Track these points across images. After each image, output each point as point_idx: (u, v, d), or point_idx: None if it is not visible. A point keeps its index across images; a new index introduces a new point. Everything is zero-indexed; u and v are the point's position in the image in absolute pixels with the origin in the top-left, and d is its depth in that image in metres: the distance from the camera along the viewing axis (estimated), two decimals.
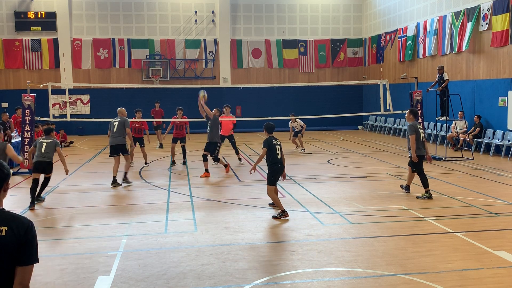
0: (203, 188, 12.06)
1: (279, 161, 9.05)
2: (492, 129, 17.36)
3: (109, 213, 9.74)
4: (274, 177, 9.09)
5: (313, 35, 29.06)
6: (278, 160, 9.03)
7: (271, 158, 9.04)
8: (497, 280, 6.03)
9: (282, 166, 9.13)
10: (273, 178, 9.08)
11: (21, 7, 26.36)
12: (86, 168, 15.46)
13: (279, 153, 9.05)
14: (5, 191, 3.09)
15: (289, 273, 6.34)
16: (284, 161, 9.24)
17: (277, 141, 9.13)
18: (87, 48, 27.12)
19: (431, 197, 10.29)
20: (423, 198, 10.27)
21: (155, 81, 26.96)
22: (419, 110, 16.20)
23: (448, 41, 20.18)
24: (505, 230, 8.08)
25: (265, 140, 9.13)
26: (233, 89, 27.09)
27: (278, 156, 9.03)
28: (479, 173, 13.45)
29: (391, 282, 5.96)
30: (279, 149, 9.07)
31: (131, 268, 6.57)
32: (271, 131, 9.31)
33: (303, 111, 24.79)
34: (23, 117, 14.45)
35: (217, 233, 8.10)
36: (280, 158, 9.06)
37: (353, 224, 8.54)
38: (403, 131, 23.68)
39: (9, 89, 26.32)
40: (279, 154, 9.03)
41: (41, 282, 6.05)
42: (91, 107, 27.07)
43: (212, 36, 28.16)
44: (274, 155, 9.02)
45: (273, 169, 9.07)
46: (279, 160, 9.05)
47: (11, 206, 9.77)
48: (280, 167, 9.08)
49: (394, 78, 24.69)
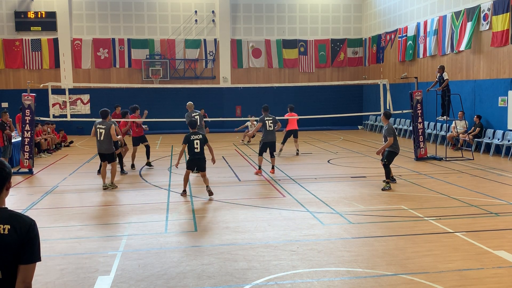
0: (203, 188, 12.04)
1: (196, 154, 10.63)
2: (492, 129, 17.36)
3: (109, 213, 9.74)
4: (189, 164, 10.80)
5: (313, 35, 29.06)
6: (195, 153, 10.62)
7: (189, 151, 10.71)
8: (497, 280, 6.04)
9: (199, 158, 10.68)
10: (188, 164, 10.83)
11: (21, 7, 26.36)
12: (86, 168, 15.46)
13: (197, 146, 10.57)
14: (7, 190, 3.10)
15: (289, 273, 6.34)
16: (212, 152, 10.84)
17: (196, 136, 10.59)
18: (87, 48, 27.12)
19: (389, 187, 11.31)
20: (385, 189, 11.22)
21: (155, 81, 26.96)
22: (419, 110, 16.21)
23: (448, 41, 20.18)
24: (505, 230, 8.08)
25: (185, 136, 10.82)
26: (233, 89, 27.10)
27: (196, 150, 10.59)
28: (479, 173, 13.45)
29: (391, 282, 5.96)
30: (198, 144, 10.55)
31: (131, 268, 6.57)
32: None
33: (303, 111, 24.76)
34: (23, 117, 14.44)
35: (217, 233, 8.10)
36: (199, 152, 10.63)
37: (353, 224, 8.54)
38: (403, 131, 23.69)
39: (9, 89, 26.32)
40: (197, 148, 10.57)
41: (41, 282, 6.05)
42: (91, 107, 27.06)
43: (212, 36, 28.16)
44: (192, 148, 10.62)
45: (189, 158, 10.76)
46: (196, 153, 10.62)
47: (12, 206, 9.74)
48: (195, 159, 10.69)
49: (394, 78, 24.68)
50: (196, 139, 10.60)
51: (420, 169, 14.10)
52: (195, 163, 10.76)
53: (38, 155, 17.65)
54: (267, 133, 13.60)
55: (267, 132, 13.60)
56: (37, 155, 17.46)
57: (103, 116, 11.80)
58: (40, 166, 15.48)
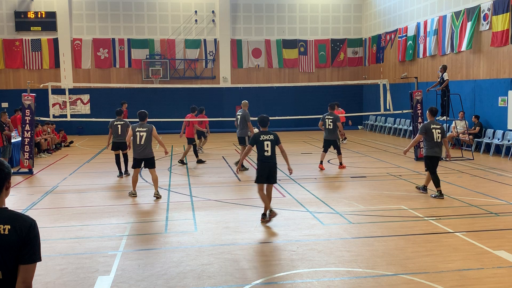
0: (203, 188, 12.05)
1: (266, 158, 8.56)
2: (492, 129, 17.36)
3: (109, 213, 9.73)
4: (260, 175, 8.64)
5: (313, 35, 29.06)
6: (265, 157, 8.56)
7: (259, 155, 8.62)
8: (497, 280, 6.03)
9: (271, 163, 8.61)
10: (258, 175, 8.65)
11: (21, 7, 26.36)
12: (86, 168, 15.46)
13: (268, 149, 8.53)
14: (7, 190, 3.10)
15: (289, 273, 6.34)
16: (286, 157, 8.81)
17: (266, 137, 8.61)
18: (87, 48, 27.11)
19: (442, 196, 10.34)
20: (434, 197, 10.38)
21: (155, 81, 26.96)
22: (419, 110, 16.21)
23: (448, 41, 20.18)
24: (505, 230, 8.08)
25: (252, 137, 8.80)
26: (233, 89, 27.10)
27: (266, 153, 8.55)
28: (479, 173, 13.45)
29: (391, 282, 5.96)
30: (269, 145, 8.54)
31: (131, 268, 6.56)
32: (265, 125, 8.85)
33: (303, 111, 24.79)
34: (23, 117, 14.43)
35: (217, 233, 8.10)
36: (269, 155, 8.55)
37: (353, 224, 8.54)
38: (403, 131, 23.68)
39: (9, 89, 26.31)
40: (268, 151, 8.53)
41: (41, 282, 6.05)
42: (91, 107, 27.06)
43: (212, 36, 28.16)
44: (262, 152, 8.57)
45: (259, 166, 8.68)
46: (266, 157, 8.55)
47: (12, 206, 9.75)
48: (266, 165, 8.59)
49: (394, 78, 24.68)
50: (266, 139, 8.56)
51: (420, 169, 14.09)
52: (267, 171, 8.58)
53: (38, 155, 17.65)
54: (325, 131, 14.34)
55: (325, 130, 14.32)
56: (37, 155, 17.46)
57: (142, 118, 10.83)
58: (40, 166, 15.48)
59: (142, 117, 10.86)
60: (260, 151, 8.56)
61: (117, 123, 13.46)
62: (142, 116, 10.87)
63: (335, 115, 14.40)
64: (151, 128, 10.77)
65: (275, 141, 8.60)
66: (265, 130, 8.76)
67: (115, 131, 13.40)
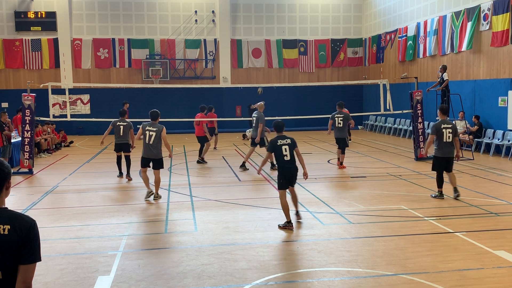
0: (203, 188, 12.05)
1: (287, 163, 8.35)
2: (492, 129, 17.36)
3: (109, 213, 9.74)
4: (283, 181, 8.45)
5: (313, 35, 29.05)
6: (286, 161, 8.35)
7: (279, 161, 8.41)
8: (497, 280, 6.04)
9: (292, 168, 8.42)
10: (281, 181, 8.46)
11: (21, 7, 26.35)
12: (86, 168, 15.46)
13: (287, 153, 8.33)
14: (7, 190, 3.09)
15: (289, 273, 6.34)
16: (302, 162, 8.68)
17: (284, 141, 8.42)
18: (87, 48, 27.11)
19: (442, 196, 10.26)
20: (434, 197, 10.34)
21: (155, 81, 26.96)
22: (419, 110, 16.21)
23: (448, 41, 20.17)
24: (505, 230, 8.08)
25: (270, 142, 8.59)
26: (233, 89, 27.09)
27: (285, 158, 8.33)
28: (479, 173, 13.45)
29: (391, 282, 5.96)
30: (287, 150, 8.34)
31: (131, 268, 6.57)
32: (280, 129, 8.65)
33: (303, 111, 24.78)
34: (23, 117, 14.44)
35: (217, 233, 8.10)
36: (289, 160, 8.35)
37: (353, 224, 8.54)
38: (403, 131, 23.68)
39: (9, 89, 26.31)
40: (287, 155, 8.34)
41: (41, 282, 6.05)
42: (91, 107, 27.06)
43: (212, 36, 28.15)
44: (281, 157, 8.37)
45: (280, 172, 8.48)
46: (286, 161, 8.35)
47: (12, 206, 9.75)
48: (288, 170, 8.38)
49: (394, 78, 24.68)
50: (284, 144, 8.37)
51: (420, 169, 14.09)
52: (289, 177, 8.44)
53: (38, 155, 17.65)
54: (335, 129, 14.40)
55: (335, 128, 14.39)
56: (37, 155, 17.46)
57: (154, 118, 10.66)
58: (40, 166, 15.48)
59: (154, 117, 10.68)
60: (279, 157, 8.36)
61: (120, 123, 13.04)
62: (154, 115, 10.70)
63: (344, 113, 14.52)
64: (161, 128, 10.54)
65: (293, 145, 8.45)
66: (282, 135, 8.59)
67: (117, 132, 13.00)
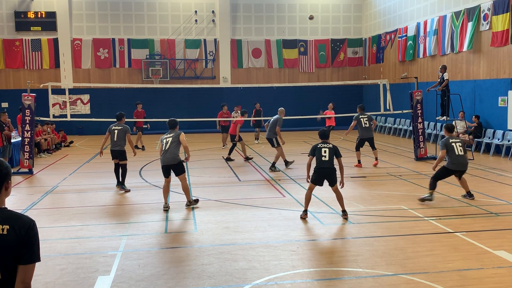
0: (203, 188, 12.05)
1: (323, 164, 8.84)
2: (492, 129, 17.36)
3: (109, 213, 9.74)
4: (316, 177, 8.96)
5: (313, 35, 29.05)
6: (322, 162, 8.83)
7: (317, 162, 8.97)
8: (497, 280, 6.04)
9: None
10: (314, 177, 8.99)
11: (21, 7, 26.35)
12: (86, 168, 15.46)
13: (326, 155, 8.83)
14: (7, 190, 3.09)
15: (289, 273, 6.34)
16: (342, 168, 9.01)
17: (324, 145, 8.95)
18: (87, 48, 27.11)
19: (430, 197, 10.00)
20: (422, 200, 10.01)
21: (155, 81, 26.96)
22: (419, 110, 16.21)
23: (448, 41, 20.18)
24: (505, 230, 8.08)
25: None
26: (233, 89, 27.09)
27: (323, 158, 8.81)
28: (479, 173, 13.45)
29: (391, 282, 5.96)
30: (327, 152, 8.85)
31: (131, 268, 6.57)
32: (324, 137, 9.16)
33: (303, 111, 24.76)
34: (23, 117, 14.43)
35: (217, 233, 8.10)
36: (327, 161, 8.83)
37: (353, 224, 8.54)
38: (403, 131, 23.69)
39: (9, 89, 26.31)
40: (325, 156, 8.82)
41: (41, 282, 6.05)
42: (91, 107, 27.06)
43: (212, 36, 28.15)
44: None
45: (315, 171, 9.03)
46: (323, 161, 8.83)
47: (12, 206, 9.75)
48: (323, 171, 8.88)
49: (394, 78, 24.68)
50: (324, 147, 8.96)
51: (420, 169, 14.09)
52: (322, 175, 8.91)
53: (38, 155, 17.65)
54: (362, 130, 15.18)
55: (362, 129, 15.17)
56: (37, 155, 17.47)
57: (172, 126, 10.17)
58: (40, 166, 15.48)
59: (172, 125, 10.19)
60: (318, 158, 8.88)
61: (115, 128, 11.86)
62: (172, 124, 10.18)
63: (368, 114, 15.23)
64: (179, 133, 10.09)
65: (334, 151, 8.93)
66: (325, 141, 9.13)
67: (112, 137, 11.88)
